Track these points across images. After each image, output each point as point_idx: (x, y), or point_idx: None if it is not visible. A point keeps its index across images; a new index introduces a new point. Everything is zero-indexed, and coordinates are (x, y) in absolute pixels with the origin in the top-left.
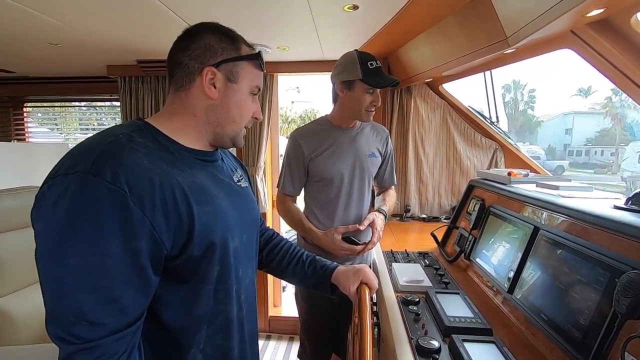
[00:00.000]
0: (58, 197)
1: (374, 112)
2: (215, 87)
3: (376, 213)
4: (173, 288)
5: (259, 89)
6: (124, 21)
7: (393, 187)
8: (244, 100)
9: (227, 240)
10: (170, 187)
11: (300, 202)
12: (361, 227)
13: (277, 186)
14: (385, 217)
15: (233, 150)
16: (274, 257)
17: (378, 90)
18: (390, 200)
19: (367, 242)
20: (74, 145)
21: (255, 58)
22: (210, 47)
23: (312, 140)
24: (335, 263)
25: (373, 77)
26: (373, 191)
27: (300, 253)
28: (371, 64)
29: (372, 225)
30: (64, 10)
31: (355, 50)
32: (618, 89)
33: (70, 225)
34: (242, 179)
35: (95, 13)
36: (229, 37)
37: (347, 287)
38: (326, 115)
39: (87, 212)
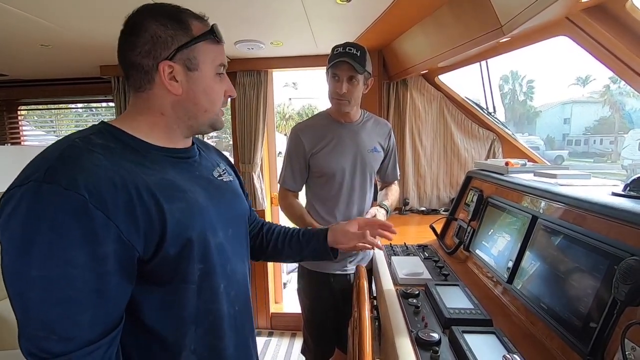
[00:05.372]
0: (12, 209)
1: (343, 102)
2: (177, 81)
3: (377, 208)
4: (153, 291)
5: (225, 66)
6: (115, 19)
7: (396, 182)
8: (211, 86)
9: (207, 236)
10: (135, 186)
11: (302, 198)
12: None
13: (279, 181)
14: (387, 211)
15: (229, 146)
16: (269, 242)
17: (345, 78)
18: (393, 195)
19: None
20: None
21: (211, 34)
22: (158, 38)
23: (313, 135)
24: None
25: (331, 61)
26: (376, 186)
27: (293, 229)
28: (336, 49)
29: None
30: (54, 10)
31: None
32: (616, 77)
33: (28, 237)
34: (224, 173)
35: (86, 12)
36: (175, 19)
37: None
38: (327, 109)
39: (44, 222)
